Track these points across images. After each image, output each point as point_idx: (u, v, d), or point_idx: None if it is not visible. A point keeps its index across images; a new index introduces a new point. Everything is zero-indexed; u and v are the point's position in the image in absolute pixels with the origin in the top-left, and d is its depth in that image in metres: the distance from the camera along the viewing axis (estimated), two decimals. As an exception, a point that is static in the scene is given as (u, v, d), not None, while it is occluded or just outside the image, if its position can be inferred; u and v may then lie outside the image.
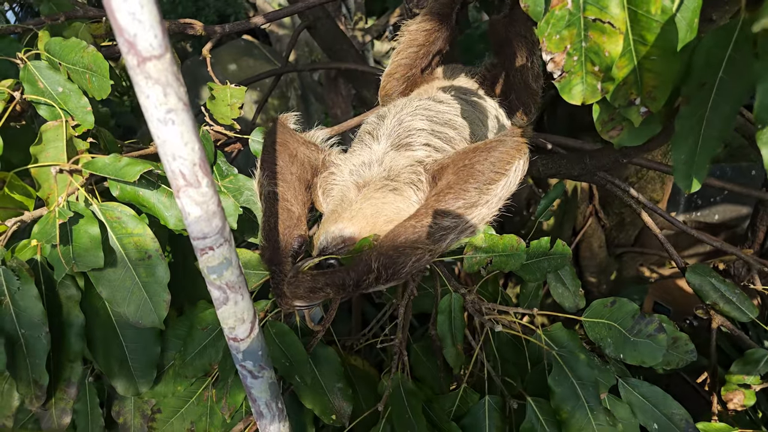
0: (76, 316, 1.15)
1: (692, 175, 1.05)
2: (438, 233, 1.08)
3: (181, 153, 0.66)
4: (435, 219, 1.09)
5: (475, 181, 1.13)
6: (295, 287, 1.05)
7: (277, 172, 1.24)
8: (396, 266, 1.04)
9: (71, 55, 1.23)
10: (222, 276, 0.76)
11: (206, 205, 0.70)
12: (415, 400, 1.12)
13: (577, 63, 0.90)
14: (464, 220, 1.11)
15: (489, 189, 1.13)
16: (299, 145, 1.34)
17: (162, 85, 0.61)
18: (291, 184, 1.24)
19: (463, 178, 1.14)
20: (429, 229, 1.08)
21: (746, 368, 1.45)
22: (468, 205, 1.11)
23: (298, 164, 1.29)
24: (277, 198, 1.21)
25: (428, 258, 1.08)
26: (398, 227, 1.10)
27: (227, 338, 0.84)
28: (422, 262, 1.07)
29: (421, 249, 1.06)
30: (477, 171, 1.14)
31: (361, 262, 1.05)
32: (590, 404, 1.03)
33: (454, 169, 1.17)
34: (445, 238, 1.10)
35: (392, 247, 1.06)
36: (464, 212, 1.11)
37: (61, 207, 1.06)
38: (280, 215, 1.18)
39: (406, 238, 1.07)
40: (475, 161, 1.15)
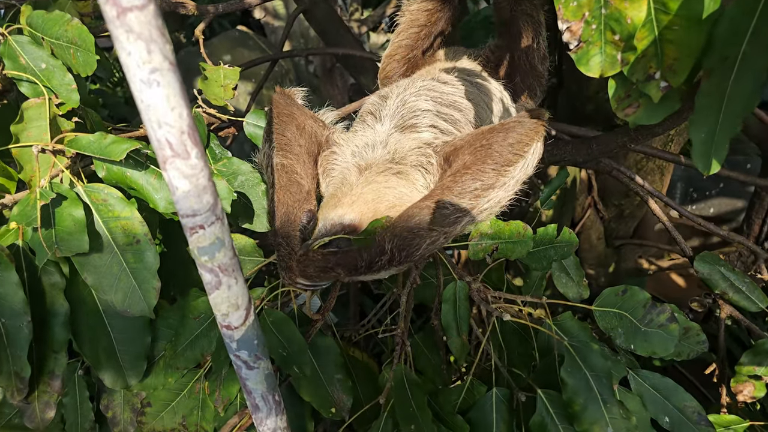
0: (61, 304, 1.09)
1: (711, 155, 1.00)
2: (454, 215, 1.04)
3: (168, 119, 0.59)
4: (452, 200, 1.05)
5: (493, 162, 1.09)
6: (305, 266, 1.00)
7: (285, 143, 1.19)
8: (410, 248, 1.00)
9: (54, 28, 1.16)
10: (214, 258, 0.70)
11: (195, 179, 0.64)
12: (419, 393, 1.06)
13: (595, 32, 0.84)
14: (481, 202, 1.07)
15: (507, 171, 1.09)
16: (307, 118, 1.28)
17: (145, 41, 0.55)
18: (300, 157, 1.19)
19: (480, 159, 1.09)
20: (445, 210, 1.03)
21: (757, 359, 1.41)
22: (485, 187, 1.07)
23: (306, 137, 1.24)
24: (286, 170, 1.15)
25: (443, 241, 1.03)
26: (412, 207, 1.05)
27: (220, 326, 0.78)
28: (436, 245, 1.03)
29: (436, 231, 1.02)
30: (495, 152, 1.10)
31: (374, 243, 1.01)
32: (603, 397, 0.98)
33: (470, 149, 1.13)
34: (460, 221, 1.05)
35: (406, 228, 1.01)
36: (481, 194, 1.07)
37: (43, 188, 0.99)
38: (289, 188, 1.13)
39: (420, 219, 1.02)
40: (493, 141, 1.11)
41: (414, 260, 1.02)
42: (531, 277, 1.59)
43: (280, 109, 1.25)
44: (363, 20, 6.79)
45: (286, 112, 1.26)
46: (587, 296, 1.65)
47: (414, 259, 1.01)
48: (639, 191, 1.81)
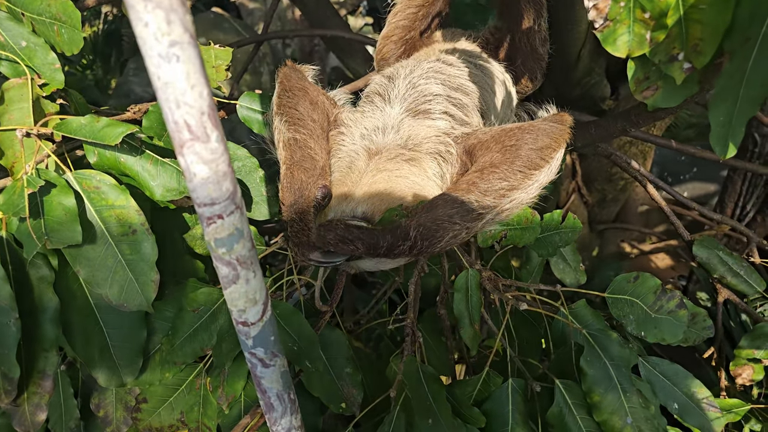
0: (50, 299, 1.01)
1: (729, 139, 0.98)
2: (477, 211, 1.03)
3: (187, 99, 0.54)
4: (477, 196, 1.05)
5: (521, 164, 1.08)
6: (327, 230, 0.97)
7: (299, 117, 1.14)
8: (433, 239, 0.98)
9: (36, 3, 1.07)
10: (232, 250, 0.65)
11: (215, 164, 0.58)
12: (437, 386, 1.03)
13: (624, 9, 0.81)
14: (504, 202, 1.07)
15: (533, 174, 1.09)
16: (319, 93, 1.23)
17: (165, 10, 0.49)
18: (314, 132, 1.15)
19: (509, 159, 1.09)
20: (470, 205, 1.02)
21: (756, 342, 1.42)
22: (510, 188, 1.07)
23: (319, 112, 1.20)
24: (299, 145, 1.11)
25: (464, 236, 1.02)
26: (438, 198, 1.03)
27: (236, 323, 0.73)
28: (458, 239, 1.02)
29: (459, 225, 1.01)
30: (524, 154, 1.10)
31: (399, 227, 0.99)
32: (623, 386, 0.97)
33: (499, 147, 1.12)
34: (482, 218, 1.04)
35: (431, 218, 0.99)
36: (506, 194, 1.06)
37: (30, 175, 0.92)
38: (303, 163, 1.08)
39: (445, 211, 1.00)
40: (523, 143, 1.11)
41: (434, 251, 1.00)
42: (531, 264, 1.58)
43: (292, 83, 1.20)
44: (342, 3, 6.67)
45: (299, 86, 1.21)
46: (584, 281, 1.65)
47: (434, 251, 1.00)
48: (636, 176, 1.80)
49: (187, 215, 1.28)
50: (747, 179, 3.37)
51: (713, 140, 0.98)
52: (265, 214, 1.22)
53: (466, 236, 1.04)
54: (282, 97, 1.19)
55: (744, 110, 0.95)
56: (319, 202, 1.06)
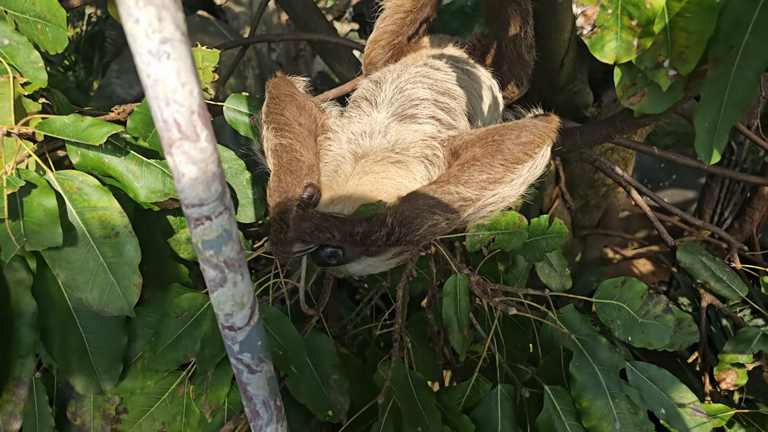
0: (27, 303, 0.99)
1: (714, 145, 0.99)
2: (458, 203, 1.02)
3: (177, 97, 0.52)
4: (457, 187, 1.04)
5: (502, 157, 1.08)
6: (302, 220, 0.96)
7: (284, 122, 1.13)
8: (411, 226, 0.97)
9: (20, 1, 1.05)
10: (220, 252, 0.63)
11: (205, 164, 0.57)
12: (426, 392, 1.02)
13: (611, 16, 0.82)
14: (486, 195, 1.06)
15: (515, 168, 1.08)
16: (306, 99, 1.23)
17: (156, 6, 0.48)
18: (300, 135, 1.14)
19: (490, 152, 1.08)
20: (450, 196, 1.02)
21: (739, 347, 1.44)
22: (492, 180, 1.06)
23: (306, 115, 1.19)
24: (285, 149, 1.10)
25: (444, 226, 1.01)
26: (417, 190, 1.03)
27: (222, 327, 0.71)
28: (437, 229, 1.01)
29: (439, 215, 1.00)
30: (506, 148, 1.09)
31: (376, 215, 0.98)
32: (612, 391, 0.97)
33: (481, 143, 1.12)
34: (464, 210, 1.03)
35: (410, 207, 0.99)
36: (488, 186, 1.05)
37: (10, 175, 0.89)
38: (290, 166, 1.08)
39: (425, 201, 1.00)
40: (506, 138, 1.10)
41: (413, 240, 0.99)
42: (517, 268, 1.58)
43: (280, 90, 1.20)
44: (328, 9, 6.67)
45: (287, 92, 1.21)
46: (570, 286, 1.65)
47: (413, 239, 0.99)
48: (621, 182, 1.82)
49: (171, 218, 1.26)
50: (725, 186, 3.44)
51: (698, 146, 1.00)
52: (251, 216, 1.21)
53: (446, 227, 1.03)
54: (269, 105, 1.19)
55: (728, 116, 0.97)
56: (306, 201, 1.05)
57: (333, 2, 6.62)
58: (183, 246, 1.16)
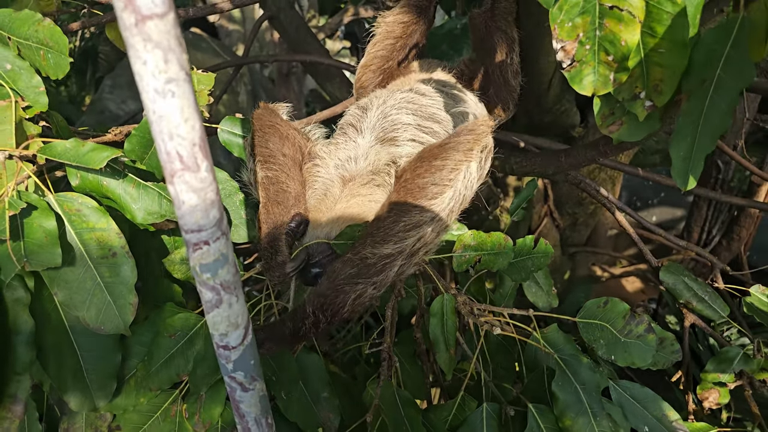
0: (25, 321, 1.00)
1: (689, 172, 1.04)
2: (380, 263, 1.00)
3: (180, 131, 0.56)
4: (374, 248, 1.01)
5: (414, 199, 1.05)
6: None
7: (269, 155, 1.16)
8: (334, 306, 0.97)
9: (23, 28, 1.09)
10: (216, 275, 0.67)
11: (204, 193, 0.61)
12: (413, 411, 1.05)
13: (589, 52, 0.87)
14: (409, 243, 1.03)
15: (432, 204, 1.05)
16: (290, 128, 1.26)
17: (163, 50, 0.52)
18: (284, 166, 1.17)
19: (402, 197, 1.06)
20: (368, 260, 1.00)
21: (721, 366, 1.47)
22: (410, 227, 1.03)
23: (290, 145, 1.21)
24: (272, 182, 1.13)
25: (372, 291, 1.00)
26: (335, 265, 1.02)
27: (216, 346, 0.74)
28: (365, 297, 0.99)
29: (362, 283, 0.99)
30: (417, 187, 1.06)
31: (297, 309, 0.99)
32: (594, 410, 1.00)
33: (399, 183, 1.09)
34: (389, 267, 1.01)
35: (329, 286, 0.99)
36: (407, 235, 1.02)
37: (11, 197, 0.92)
38: (277, 197, 1.10)
39: (343, 273, 0.99)
40: (417, 174, 1.07)
41: (343, 317, 0.99)
42: (504, 287, 1.61)
43: (263, 121, 1.22)
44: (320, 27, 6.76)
45: (269, 123, 1.23)
46: (556, 305, 1.69)
47: (342, 316, 0.98)
48: (605, 203, 1.87)
49: (166, 237, 1.28)
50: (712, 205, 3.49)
51: (674, 173, 1.04)
52: (243, 236, 1.24)
53: (376, 291, 1.01)
54: (254, 138, 1.21)
55: (702, 145, 1.01)
56: (294, 229, 1.07)
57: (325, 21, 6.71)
58: (177, 266, 1.19)
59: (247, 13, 7.02)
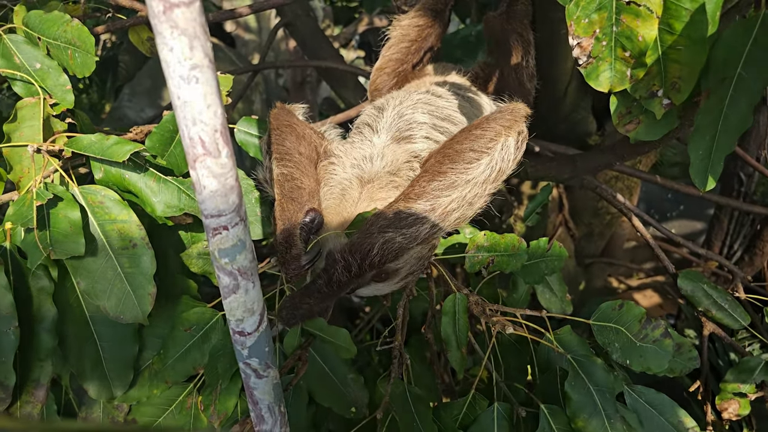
0: (48, 309, 1.03)
1: (708, 172, 1.03)
2: (411, 216, 1.02)
3: (203, 117, 0.58)
4: (407, 203, 1.03)
5: (450, 161, 1.06)
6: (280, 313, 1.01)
7: (285, 152, 1.17)
8: (362, 249, 0.98)
9: (53, 29, 1.13)
10: (234, 260, 0.68)
11: (224, 178, 0.62)
12: (424, 408, 1.05)
13: (606, 48, 0.87)
14: (442, 203, 1.04)
15: (468, 169, 1.05)
16: (306, 128, 1.28)
17: (189, 37, 0.54)
18: (300, 164, 1.18)
19: (439, 160, 1.07)
20: (401, 213, 1.01)
21: (741, 376, 1.43)
22: (444, 187, 1.04)
23: (306, 144, 1.23)
24: (287, 178, 1.14)
25: (401, 240, 1.01)
26: (368, 219, 1.04)
27: (232, 332, 0.76)
28: (393, 245, 1.00)
29: (391, 232, 1.00)
30: (454, 151, 1.07)
31: (327, 257, 1.01)
32: (607, 412, 0.99)
33: (436, 153, 1.12)
34: (420, 222, 1.02)
35: (358, 235, 1.01)
36: (440, 194, 1.04)
37: (39, 188, 0.95)
38: (291, 194, 1.11)
39: (373, 225, 1.01)
40: (455, 141, 1.09)
41: (373, 262, 1.00)
42: (517, 292, 1.61)
43: (280, 121, 1.24)
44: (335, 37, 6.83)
45: (286, 122, 1.25)
46: (570, 312, 1.67)
47: (372, 261, 0.99)
48: (622, 209, 1.86)
49: (183, 233, 1.30)
50: (734, 218, 3.40)
51: (693, 173, 1.04)
52: (258, 234, 1.26)
53: (404, 242, 1.02)
54: (271, 137, 1.23)
55: (722, 145, 1.01)
56: (308, 224, 1.09)
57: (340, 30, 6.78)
58: (194, 260, 1.21)
59: (263, 24, 7.12)
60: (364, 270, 1.01)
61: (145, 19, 1.51)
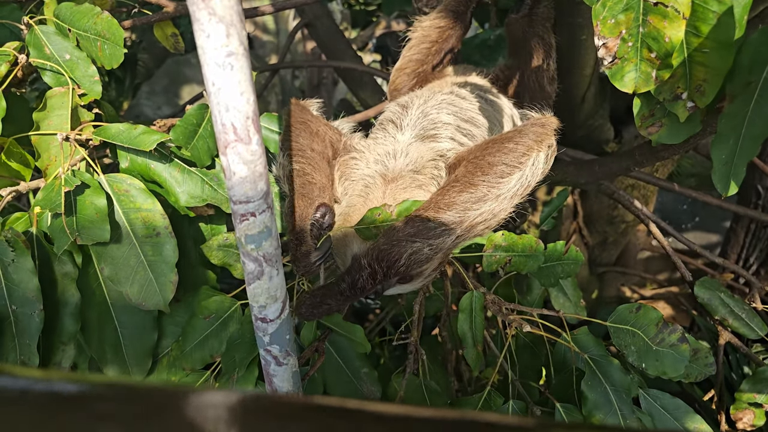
0: (72, 294, 1.05)
1: (731, 177, 1.03)
2: (440, 228, 1.01)
3: (236, 104, 0.59)
4: (437, 213, 1.03)
5: (483, 174, 1.05)
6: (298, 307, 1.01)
7: (299, 149, 1.18)
8: (390, 258, 0.98)
9: (83, 20, 1.15)
10: (260, 246, 0.69)
11: (254, 165, 0.64)
12: (440, 403, 1.05)
13: (631, 49, 0.87)
14: (470, 216, 1.04)
15: (500, 183, 1.05)
16: (321, 124, 1.28)
17: (226, 24, 0.55)
18: (312, 160, 1.18)
19: (471, 171, 1.07)
20: (429, 222, 1.01)
21: (757, 386, 1.42)
22: (475, 200, 1.04)
23: (319, 141, 1.23)
24: (299, 174, 1.15)
25: (428, 252, 1.01)
26: (395, 224, 1.04)
27: (255, 318, 0.77)
28: (420, 256, 1.00)
29: (419, 242, 1.00)
30: (487, 163, 1.07)
31: (352, 263, 1.00)
32: (623, 412, 0.99)
33: (467, 160, 1.11)
34: (447, 234, 1.02)
35: (385, 241, 1.00)
36: (471, 207, 1.03)
37: (67, 175, 0.97)
38: (302, 190, 1.12)
39: (401, 230, 1.01)
40: (488, 153, 1.08)
41: (399, 271, 0.99)
42: (532, 295, 1.61)
43: (295, 117, 1.25)
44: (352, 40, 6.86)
45: (300, 119, 1.26)
46: (585, 316, 1.67)
47: (398, 270, 0.99)
48: (640, 216, 1.85)
49: (203, 225, 1.32)
50: (750, 231, 3.36)
51: (715, 178, 1.03)
52: (277, 227, 1.27)
53: (431, 253, 1.02)
54: (285, 133, 1.24)
55: (745, 150, 1.00)
56: (319, 220, 1.09)
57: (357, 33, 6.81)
58: (215, 252, 1.23)
59: (281, 25, 7.18)
60: (389, 278, 1.01)
61: (171, 15, 1.53)
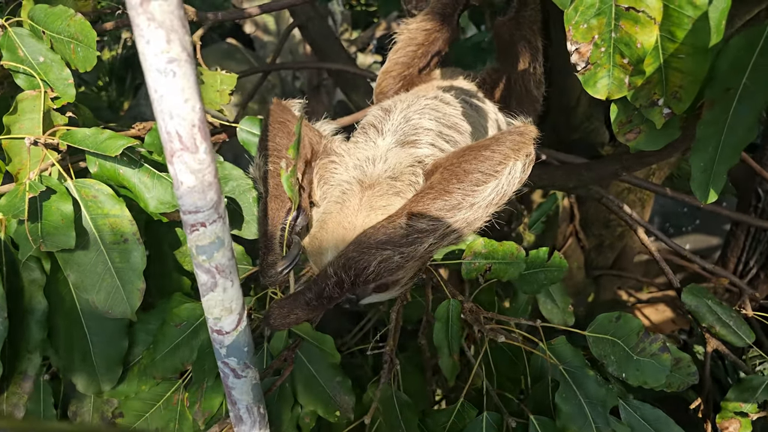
0: (39, 302, 1.04)
1: (710, 185, 1.01)
2: (411, 235, 0.99)
3: (180, 111, 0.57)
4: (409, 220, 1.00)
5: (458, 181, 1.03)
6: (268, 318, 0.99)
7: (275, 149, 1.16)
8: (358, 266, 0.95)
9: (57, 23, 1.14)
10: (212, 257, 0.68)
11: (202, 174, 0.62)
12: (410, 413, 1.03)
13: (604, 54, 0.85)
14: (444, 224, 1.02)
15: (475, 191, 1.03)
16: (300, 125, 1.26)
17: (166, 30, 0.53)
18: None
19: (446, 178, 1.05)
20: (401, 230, 0.98)
21: (743, 395, 1.40)
22: (449, 208, 1.02)
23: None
24: (272, 175, 1.12)
25: (399, 259, 0.98)
26: (367, 229, 1.01)
27: (210, 330, 0.75)
28: (391, 263, 0.98)
29: (389, 250, 0.97)
30: (462, 171, 1.05)
31: (320, 272, 0.98)
32: (598, 425, 0.97)
33: (442, 168, 1.09)
34: (419, 242, 1.00)
35: (353, 248, 0.98)
36: (444, 215, 1.01)
37: (33, 180, 0.96)
38: (274, 191, 1.10)
39: (370, 237, 0.98)
40: (464, 160, 1.07)
41: (368, 279, 0.97)
42: (518, 301, 1.59)
43: (275, 117, 1.23)
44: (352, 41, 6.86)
45: (280, 119, 1.23)
46: (572, 323, 1.65)
47: (367, 279, 0.96)
48: (627, 220, 1.82)
49: (180, 231, 1.31)
50: (750, 234, 3.33)
51: (694, 186, 1.01)
52: (254, 233, 1.25)
53: (402, 261, 0.99)
54: (263, 133, 1.21)
55: (725, 157, 0.98)
56: (290, 223, 1.07)
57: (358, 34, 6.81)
58: (188, 258, 1.21)
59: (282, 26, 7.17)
60: (357, 286, 0.98)
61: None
